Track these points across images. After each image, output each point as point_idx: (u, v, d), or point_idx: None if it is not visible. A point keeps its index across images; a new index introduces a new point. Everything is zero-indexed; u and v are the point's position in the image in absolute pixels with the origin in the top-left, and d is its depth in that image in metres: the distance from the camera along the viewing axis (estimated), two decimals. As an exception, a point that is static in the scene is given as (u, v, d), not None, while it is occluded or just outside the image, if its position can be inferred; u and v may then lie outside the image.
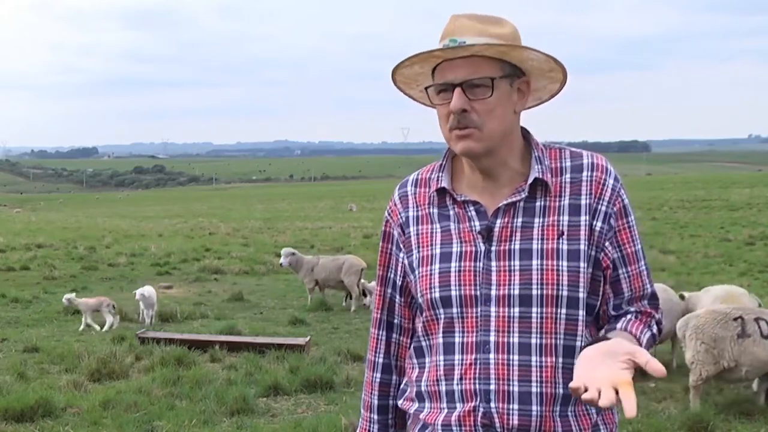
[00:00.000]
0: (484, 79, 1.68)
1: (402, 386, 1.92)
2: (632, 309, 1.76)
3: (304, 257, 11.98)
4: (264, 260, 17.51)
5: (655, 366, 1.44)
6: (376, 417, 1.96)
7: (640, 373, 1.50)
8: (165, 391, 6.63)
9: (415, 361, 1.85)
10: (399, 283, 1.90)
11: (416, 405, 1.82)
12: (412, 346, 1.88)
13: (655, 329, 1.76)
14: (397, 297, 1.91)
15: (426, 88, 1.79)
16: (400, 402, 1.90)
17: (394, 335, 1.94)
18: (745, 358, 5.73)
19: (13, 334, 9.58)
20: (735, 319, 5.80)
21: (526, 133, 1.83)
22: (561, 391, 1.68)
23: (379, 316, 1.95)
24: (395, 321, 1.93)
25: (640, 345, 1.67)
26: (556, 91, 1.84)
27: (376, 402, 1.96)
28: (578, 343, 1.69)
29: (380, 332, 1.95)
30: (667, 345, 7.61)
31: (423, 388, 1.80)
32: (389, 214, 1.92)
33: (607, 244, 1.72)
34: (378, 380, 1.95)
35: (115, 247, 22.23)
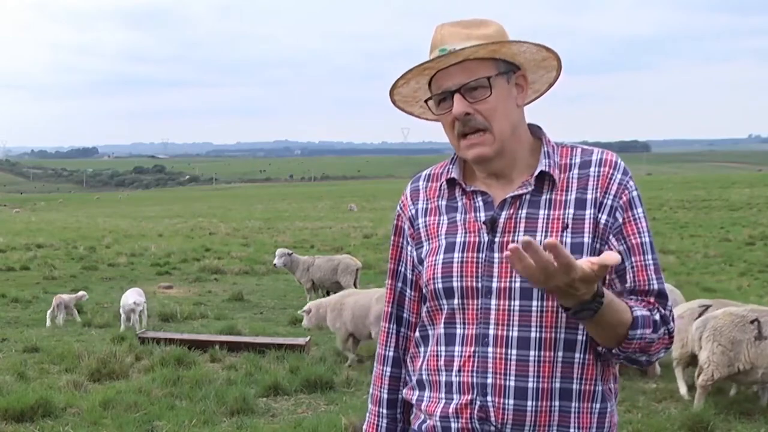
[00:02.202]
0: (481, 80, 1.70)
1: (405, 378, 1.93)
2: (634, 299, 1.72)
3: (300, 258, 11.97)
4: (264, 260, 17.49)
5: (608, 257, 1.48)
6: (385, 411, 1.96)
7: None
8: (165, 391, 6.63)
9: (421, 349, 1.86)
10: (409, 276, 1.92)
11: (417, 393, 1.84)
12: (418, 335, 1.89)
13: (657, 316, 1.67)
14: (408, 291, 1.93)
15: (426, 101, 1.81)
16: (403, 392, 1.91)
17: (402, 329, 1.95)
18: (762, 361, 5.68)
19: (13, 334, 9.58)
20: (752, 322, 5.76)
21: (537, 130, 1.84)
22: (558, 385, 1.69)
23: (389, 309, 1.97)
24: (404, 315, 1.95)
25: (632, 315, 1.62)
26: (554, 79, 1.85)
27: (386, 396, 1.96)
28: (580, 337, 1.69)
29: (390, 326, 1.96)
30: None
31: (424, 377, 1.82)
32: (400, 209, 1.94)
33: (611, 237, 1.71)
34: (388, 374, 1.96)
35: (115, 247, 22.23)
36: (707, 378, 5.87)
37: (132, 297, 9.91)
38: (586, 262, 1.49)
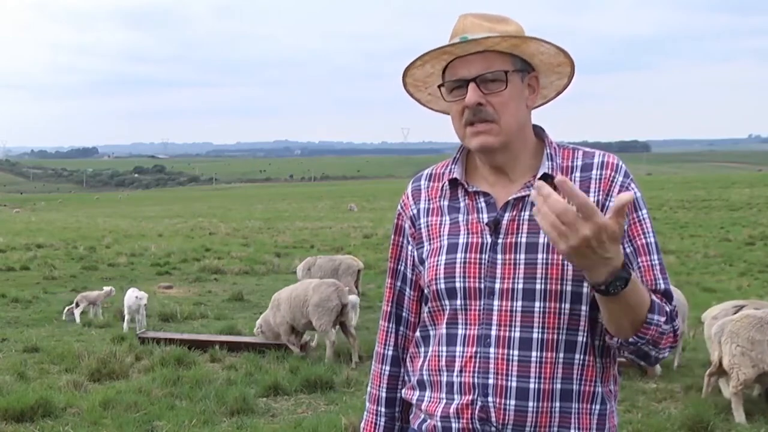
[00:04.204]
0: (498, 72, 1.71)
1: (405, 377, 1.93)
2: None
3: (299, 265, 11.90)
4: (264, 260, 17.50)
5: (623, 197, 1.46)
6: (383, 410, 1.96)
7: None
8: (165, 391, 6.63)
9: (421, 349, 1.86)
10: (409, 276, 1.92)
11: (417, 393, 1.84)
12: (418, 335, 1.88)
13: (667, 308, 1.65)
14: (407, 290, 1.93)
15: (439, 87, 1.81)
16: (403, 392, 1.91)
17: (402, 328, 1.95)
18: None
19: (13, 334, 9.58)
20: None
21: (540, 131, 1.84)
22: (559, 386, 1.68)
23: (388, 308, 1.97)
24: (404, 314, 1.95)
25: (651, 299, 1.60)
26: (563, 87, 1.86)
27: (384, 395, 1.96)
28: (580, 338, 1.69)
29: (389, 325, 1.96)
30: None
31: (425, 377, 1.81)
32: (401, 208, 1.94)
33: None
34: (387, 373, 1.96)
35: (115, 247, 22.22)
36: (736, 383, 5.77)
37: (135, 293, 9.87)
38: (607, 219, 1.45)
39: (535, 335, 1.68)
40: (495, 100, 1.71)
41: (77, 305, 10.75)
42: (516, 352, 1.68)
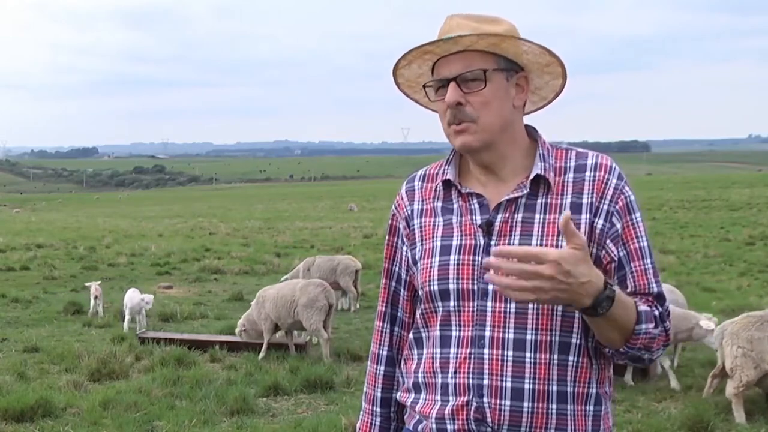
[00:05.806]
0: (477, 71, 1.70)
1: (399, 378, 1.93)
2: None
3: (299, 267, 11.90)
4: (264, 260, 17.48)
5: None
6: (378, 410, 1.97)
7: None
8: (165, 391, 6.63)
9: (414, 352, 1.86)
10: (403, 276, 1.92)
11: (412, 396, 1.83)
12: (411, 337, 1.88)
13: (656, 312, 1.67)
14: (402, 290, 1.93)
15: (425, 86, 1.81)
16: (398, 394, 1.91)
17: (396, 328, 1.95)
18: None
19: (13, 334, 9.57)
20: None
21: (533, 131, 1.83)
22: (554, 387, 1.68)
23: (383, 308, 1.97)
24: (398, 314, 1.95)
25: (637, 310, 1.62)
26: (560, 87, 1.84)
27: (379, 395, 1.96)
28: (574, 340, 1.69)
29: (384, 325, 1.96)
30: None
31: (420, 379, 1.81)
32: (396, 208, 1.94)
33: (608, 242, 1.70)
34: (382, 373, 1.96)
35: (115, 247, 22.22)
36: (737, 384, 5.74)
37: (140, 295, 9.83)
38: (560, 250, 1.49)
39: (529, 336, 1.68)
40: (475, 99, 1.70)
41: (96, 299, 10.87)
42: (510, 353, 1.68)
